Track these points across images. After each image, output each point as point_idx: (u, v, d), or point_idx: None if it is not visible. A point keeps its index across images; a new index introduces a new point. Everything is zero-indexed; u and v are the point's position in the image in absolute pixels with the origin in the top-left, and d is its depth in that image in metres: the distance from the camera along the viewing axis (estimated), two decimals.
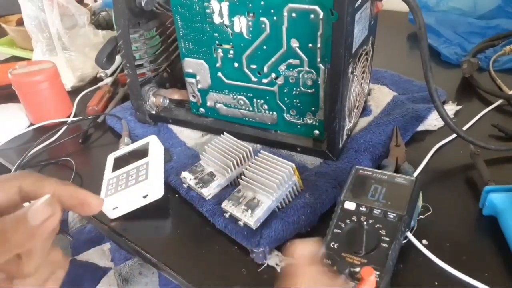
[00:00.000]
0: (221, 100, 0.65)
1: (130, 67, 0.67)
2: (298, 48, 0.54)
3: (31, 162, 0.68)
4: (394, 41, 1.00)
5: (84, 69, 0.91)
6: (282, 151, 0.62)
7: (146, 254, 0.51)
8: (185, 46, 0.63)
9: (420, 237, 0.47)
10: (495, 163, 0.57)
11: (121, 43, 0.65)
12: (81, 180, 0.64)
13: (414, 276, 0.44)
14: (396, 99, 0.70)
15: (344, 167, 0.57)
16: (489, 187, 0.50)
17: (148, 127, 0.71)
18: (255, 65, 0.59)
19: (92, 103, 0.80)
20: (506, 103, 0.71)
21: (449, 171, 0.58)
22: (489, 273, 0.43)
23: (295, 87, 0.58)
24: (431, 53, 0.53)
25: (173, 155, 0.63)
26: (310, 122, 0.60)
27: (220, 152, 0.57)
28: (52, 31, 0.87)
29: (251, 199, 0.51)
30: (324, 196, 0.52)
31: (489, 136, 0.64)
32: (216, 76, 0.63)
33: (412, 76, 0.77)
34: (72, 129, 0.76)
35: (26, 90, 0.75)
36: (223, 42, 0.59)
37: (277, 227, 0.48)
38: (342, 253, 0.43)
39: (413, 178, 0.48)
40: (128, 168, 0.57)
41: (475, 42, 0.88)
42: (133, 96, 0.70)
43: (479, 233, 0.49)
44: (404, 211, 0.44)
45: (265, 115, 0.63)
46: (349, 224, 0.45)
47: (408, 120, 0.64)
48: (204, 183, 0.55)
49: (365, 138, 0.61)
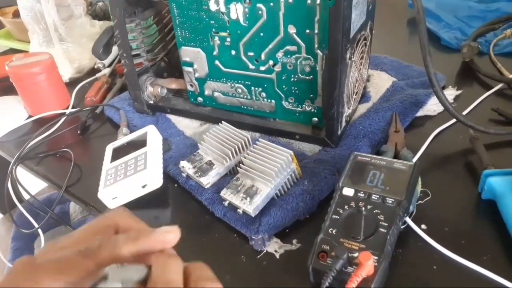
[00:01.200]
0: (219, 89, 0.65)
1: (127, 57, 0.66)
2: (295, 34, 0.54)
3: (30, 154, 0.68)
4: (394, 26, 0.99)
5: (81, 60, 0.91)
6: (280, 139, 0.62)
7: None
8: (182, 35, 0.62)
9: (419, 222, 0.47)
10: (495, 147, 0.57)
11: (118, 33, 0.64)
12: (80, 171, 0.64)
13: (412, 261, 0.44)
14: (396, 85, 0.69)
15: (343, 154, 0.57)
16: (488, 171, 0.50)
17: (146, 117, 0.71)
18: (252, 53, 0.58)
19: (90, 94, 0.79)
20: (506, 87, 0.70)
21: (449, 156, 0.58)
22: (488, 257, 0.44)
23: (293, 74, 0.58)
24: (431, 38, 0.52)
25: (171, 145, 0.63)
26: (308, 109, 0.60)
27: (219, 141, 0.57)
28: (49, 22, 0.87)
29: (249, 187, 0.51)
30: (323, 183, 0.52)
31: (489, 121, 0.63)
32: (214, 64, 0.62)
33: (411, 61, 0.76)
34: (71, 121, 0.76)
35: (23, 82, 0.75)
36: (220, 30, 0.59)
37: (276, 214, 0.49)
38: (341, 238, 0.43)
39: (411, 164, 0.48)
40: (127, 158, 0.57)
41: (475, 26, 0.87)
42: (130, 86, 0.70)
43: (478, 217, 0.49)
44: (403, 196, 0.44)
45: (263, 103, 0.63)
46: (348, 210, 0.45)
47: (407, 106, 0.64)
48: (203, 172, 0.55)
49: (364, 125, 0.61)
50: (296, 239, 0.48)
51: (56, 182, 0.63)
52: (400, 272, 0.43)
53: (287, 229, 0.49)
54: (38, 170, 0.66)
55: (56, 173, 0.64)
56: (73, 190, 0.61)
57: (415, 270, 0.43)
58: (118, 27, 0.64)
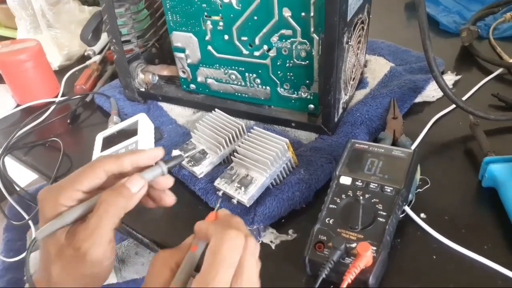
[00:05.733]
0: (212, 75, 0.63)
1: (117, 42, 0.64)
2: (290, 17, 0.52)
3: (18, 144, 0.67)
4: (391, 10, 0.97)
5: (70, 47, 0.88)
6: (276, 126, 0.61)
7: (138, 235, 0.50)
8: (173, 19, 0.60)
9: (418, 211, 0.46)
10: (495, 133, 0.56)
11: (106, 18, 0.62)
12: (70, 161, 0.62)
13: (412, 251, 0.43)
14: (394, 70, 0.68)
15: (340, 142, 0.56)
16: (489, 158, 0.49)
17: (138, 105, 0.69)
18: (246, 37, 0.56)
19: (80, 82, 0.77)
20: (506, 72, 0.69)
21: (448, 142, 0.57)
22: (488, 246, 0.43)
23: (288, 59, 0.56)
24: (429, 23, 0.51)
25: (163, 133, 0.62)
26: (304, 96, 0.58)
27: (212, 129, 0.55)
28: (36, 7, 0.84)
29: (244, 176, 0.49)
30: (320, 171, 0.51)
31: (489, 106, 0.62)
32: (206, 49, 0.60)
33: (409, 46, 0.74)
34: (60, 109, 0.74)
35: (10, 69, 0.73)
36: (212, 14, 0.56)
37: (271, 204, 0.47)
38: (338, 228, 0.41)
39: (410, 151, 0.46)
40: (117, 148, 0.56)
41: (475, 10, 0.85)
42: (121, 74, 0.68)
43: (478, 205, 0.48)
44: (402, 184, 0.43)
45: (258, 89, 0.61)
46: (345, 199, 0.44)
47: (405, 92, 0.62)
48: (196, 161, 0.54)
49: (362, 111, 0.60)
50: (292, 229, 0.47)
51: (45, 172, 0.62)
52: (399, 262, 0.42)
53: (283, 219, 0.48)
54: (26, 160, 0.64)
55: (45, 163, 0.63)
56: None
57: (414, 260, 0.42)
58: (107, 11, 0.61)
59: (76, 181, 0.36)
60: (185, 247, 0.35)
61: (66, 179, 0.37)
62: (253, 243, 0.33)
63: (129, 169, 0.39)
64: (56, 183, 0.37)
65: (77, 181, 0.36)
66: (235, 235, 0.32)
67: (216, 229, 0.33)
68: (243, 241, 0.32)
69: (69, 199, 0.36)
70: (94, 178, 0.37)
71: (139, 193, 0.37)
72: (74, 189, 0.36)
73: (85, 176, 0.37)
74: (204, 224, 0.35)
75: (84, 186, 0.36)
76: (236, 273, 0.31)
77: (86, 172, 0.37)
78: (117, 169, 0.38)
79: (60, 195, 0.36)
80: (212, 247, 0.32)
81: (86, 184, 0.37)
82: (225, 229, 0.32)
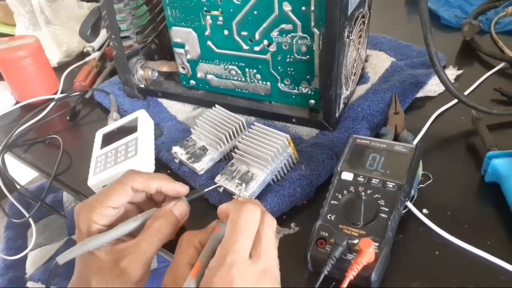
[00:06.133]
0: (212, 71, 0.63)
1: (116, 38, 0.64)
2: (290, 11, 0.51)
3: (18, 141, 0.66)
4: (392, 5, 0.96)
5: (69, 43, 0.88)
6: (276, 122, 0.60)
7: None
8: (172, 14, 0.60)
9: (421, 207, 0.46)
10: (498, 128, 0.55)
11: (105, 14, 0.61)
12: (69, 158, 0.62)
13: (414, 247, 0.43)
14: (395, 65, 0.67)
15: (341, 137, 0.55)
16: (492, 153, 0.48)
17: (137, 102, 0.69)
18: (246, 32, 0.56)
19: (79, 78, 0.77)
20: (508, 66, 0.68)
21: (450, 137, 0.56)
22: (491, 241, 0.42)
23: (288, 54, 0.55)
24: (430, 17, 0.50)
25: (163, 130, 0.61)
26: (305, 91, 0.58)
27: (212, 125, 0.55)
28: (34, 4, 0.83)
29: (245, 172, 0.49)
30: (321, 167, 0.50)
31: (491, 101, 0.61)
32: (206, 45, 0.60)
33: (410, 41, 0.74)
34: (59, 106, 0.74)
35: (8, 66, 0.72)
36: (211, 8, 0.56)
37: (272, 200, 0.47)
38: (340, 225, 0.41)
39: (413, 146, 0.46)
40: (117, 144, 0.55)
41: (476, 4, 0.84)
42: (120, 70, 0.67)
43: (481, 200, 0.47)
44: (404, 180, 0.43)
45: (258, 85, 0.61)
46: (347, 195, 0.43)
47: (407, 87, 0.62)
48: (196, 157, 0.53)
49: (363, 106, 0.59)
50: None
51: (45, 170, 0.61)
52: (402, 258, 0.42)
53: (284, 216, 0.48)
54: (26, 157, 0.64)
55: (45, 161, 0.62)
56: (63, 178, 0.59)
57: (416, 256, 0.42)
58: (106, 7, 0.61)
59: (107, 199, 0.40)
60: (209, 229, 0.38)
61: (97, 196, 0.41)
62: (269, 218, 0.37)
63: (153, 192, 0.43)
64: (89, 200, 0.41)
65: (107, 199, 0.40)
66: (252, 207, 0.36)
67: (234, 205, 0.37)
68: (260, 213, 0.36)
69: (101, 216, 0.40)
70: (124, 195, 0.41)
71: (183, 220, 0.42)
72: (105, 206, 0.40)
73: (115, 193, 0.40)
74: (224, 205, 0.38)
75: (114, 203, 0.40)
76: (255, 244, 0.34)
77: (116, 189, 0.41)
78: (143, 189, 0.42)
79: (92, 213, 0.39)
80: (231, 219, 0.35)
81: (116, 201, 0.40)
82: (242, 204, 0.36)
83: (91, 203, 0.40)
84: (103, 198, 0.40)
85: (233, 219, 0.35)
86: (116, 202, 0.40)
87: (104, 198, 0.40)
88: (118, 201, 0.40)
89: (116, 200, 0.40)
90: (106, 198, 0.40)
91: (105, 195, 0.40)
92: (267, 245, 0.35)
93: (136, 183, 0.41)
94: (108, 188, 0.41)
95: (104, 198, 0.40)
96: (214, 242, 0.36)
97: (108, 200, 0.40)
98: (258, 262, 0.34)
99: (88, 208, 0.40)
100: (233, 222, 0.35)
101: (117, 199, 0.40)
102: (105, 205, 0.40)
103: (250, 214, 0.35)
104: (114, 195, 0.40)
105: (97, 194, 0.41)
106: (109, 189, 0.41)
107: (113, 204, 0.40)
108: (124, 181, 0.41)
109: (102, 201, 0.40)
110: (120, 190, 0.41)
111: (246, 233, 0.34)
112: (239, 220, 0.35)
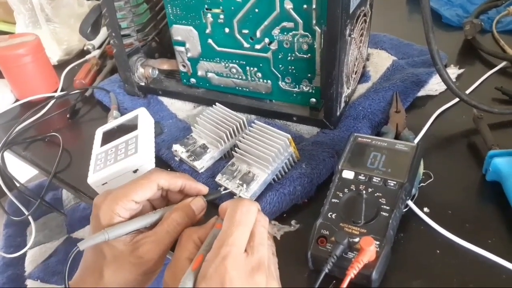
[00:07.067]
0: (213, 69, 0.63)
1: (116, 36, 0.63)
2: (292, 9, 0.51)
3: (17, 139, 0.66)
4: (393, 4, 0.96)
5: (70, 41, 0.87)
6: (277, 121, 0.60)
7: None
8: (173, 12, 0.59)
9: (422, 205, 0.46)
10: (499, 127, 0.55)
11: (105, 11, 0.61)
12: (69, 156, 0.62)
13: (415, 245, 0.43)
14: (396, 64, 0.67)
15: (342, 136, 0.55)
16: (493, 152, 0.48)
17: (138, 100, 0.68)
18: (247, 30, 0.56)
19: (79, 76, 0.76)
20: (509, 65, 0.68)
21: (451, 136, 0.56)
22: (492, 240, 0.42)
23: (290, 52, 0.55)
24: (432, 16, 0.50)
25: (164, 128, 0.61)
26: (306, 89, 0.58)
27: (213, 123, 0.55)
28: (34, 1, 0.83)
29: (246, 173, 0.49)
30: (322, 166, 0.50)
31: (493, 100, 0.61)
32: (206, 43, 0.60)
33: (412, 40, 0.73)
34: (59, 104, 0.73)
35: (8, 64, 0.72)
36: (212, 6, 0.56)
37: (272, 199, 0.47)
38: (341, 223, 0.41)
39: (414, 145, 0.46)
40: (117, 142, 0.55)
41: (478, 3, 0.84)
42: (120, 68, 0.67)
43: (482, 199, 0.47)
44: (405, 178, 0.43)
45: (259, 83, 0.61)
46: (348, 193, 0.43)
47: (408, 85, 0.62)
48: (197, 156, 0.53)
49: (364, 105, 0.59)
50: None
51: (45, 167, 0.61)
52: (403, 257, 0.41)
53: (285, 214, 0.48)
54: (26, 155, 0.64)
55: (45, 159, 0.62)
56: (63, 176, 0.59)
57: (417, 255, 0.42)
58: (106, 5, 0.61)
59: (132, 192, 0.40)
60: (209, 225, 0.39)
61: (122, 189, 0.40)
62: (263, 218, 0.38)
63: (177, 190, 0.44)
64: (113, 192, 0.40)
65: (132, 192, 0.40)
66: (248, 203, 0.38)
67: (232, 201, 0.39)
68: (256, 209, 0.38)
69: (124, 209, 0.40)
70: (149, 190, 0.41)
71: (199, 215, 0.43)
72: (129, 199, 0.40)
73: (141, 188, 0.40)
74: (224, 203, 0.39)
75: (139, 197, 0.40)
76: (250, 240, 0.36)
77: (142, 184, 0.41)
78: (168, 186, 0.42)
79: (115, 205, 0.39)
80: (227, 214, 0.37)
81: (141, 195, 0.40)
82: (239, 200, 0.38)
83: (116, 194, 0.40)
84: (128, 191, 0.40)
85: (230, 213, 0.37)
86: (141, 196, 0.40)
87: (129, 192, 0.40)
88: (143, 196, 0.40)
89: (141, 194, 0.40)
90: (131, 192, 0.40)
91: (131, 189, 0.40)
92: (260, 239, 0.36)
93: (163, 181, 0.42)
94: (134, 182, 0.41)
95: (129, 192, 0.40)
96: (213, 239, 0.36)
97: (133, 193, 0.40)
98: (252, 256, 0.35)
99: (112, 199, 0.39)
100: (229, 216, 0.37)
101: (142, 193, 0.40)
102: (130, 198, 0.40)
103: (246, 209, 0.37)
104: (140, 189, 0.40)
105: (122, 187, 0.41)
106: (136, 183, 0.41)
107: (137, 199, 0.40)
108: (151, 178, 0.41)
109: (127, 194, 0.40)
110: (147, 185, 0.41)
111: (242, 226, 0.36)
112: (235, 215, 0.36)
